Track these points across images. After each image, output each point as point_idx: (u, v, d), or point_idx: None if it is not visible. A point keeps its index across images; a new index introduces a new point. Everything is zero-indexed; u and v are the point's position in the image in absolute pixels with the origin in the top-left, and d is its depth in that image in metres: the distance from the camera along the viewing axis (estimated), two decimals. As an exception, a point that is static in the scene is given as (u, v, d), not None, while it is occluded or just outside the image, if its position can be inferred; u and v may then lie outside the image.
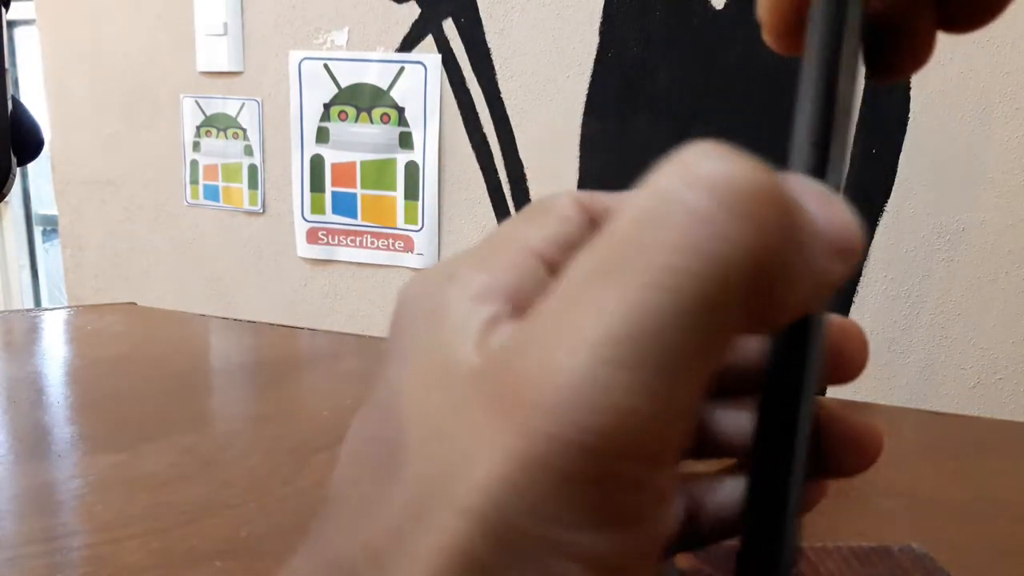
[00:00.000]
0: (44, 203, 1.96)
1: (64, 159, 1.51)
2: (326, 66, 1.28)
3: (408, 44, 1.24)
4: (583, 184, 1.19)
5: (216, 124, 1.38)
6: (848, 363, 0.18)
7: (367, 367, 0.72)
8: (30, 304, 2.02)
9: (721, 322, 0.12)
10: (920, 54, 0.18)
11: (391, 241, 1.31)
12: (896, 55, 0.18)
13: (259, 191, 1.38)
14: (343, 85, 1.28)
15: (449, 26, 1.21)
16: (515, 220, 0.16)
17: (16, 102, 0.36)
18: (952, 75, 1.00)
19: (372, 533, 0.13)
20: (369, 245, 1.32)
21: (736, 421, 0.19)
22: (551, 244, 0.15)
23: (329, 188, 1.32)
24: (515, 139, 1.22)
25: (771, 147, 0.17)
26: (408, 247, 1.30)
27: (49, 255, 2.03)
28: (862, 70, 0.17)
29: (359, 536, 0.13)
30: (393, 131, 1.27)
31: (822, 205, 0.13)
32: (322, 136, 1.31)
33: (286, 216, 1.36)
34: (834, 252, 0.13)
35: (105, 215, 1.50)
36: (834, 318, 0.18)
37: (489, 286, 0.14)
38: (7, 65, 0.35)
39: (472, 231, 1.26)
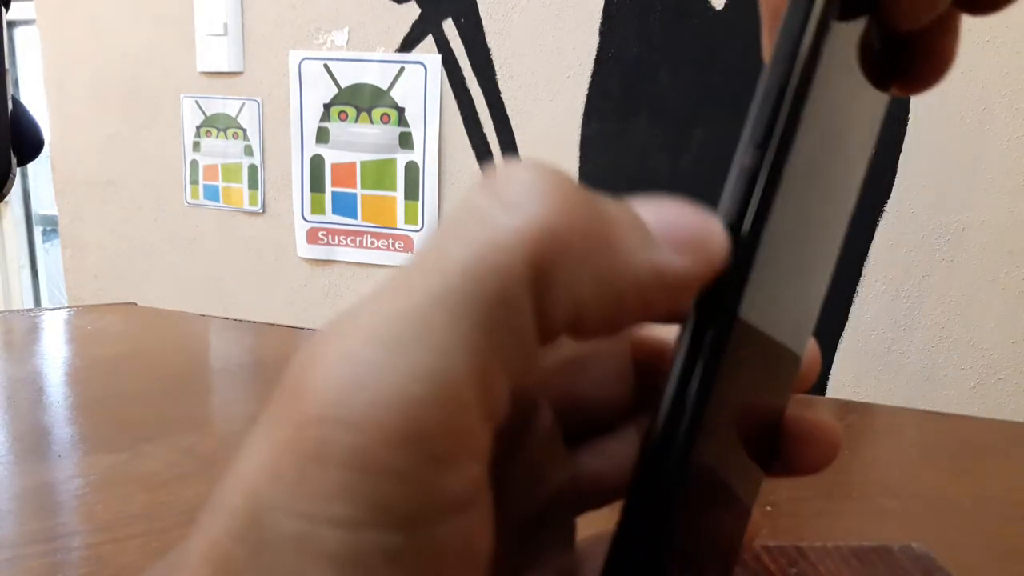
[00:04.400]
0: (44, 203, 1.96)
1: (64, 159, 1.51)
2: (326, 66, 1.28)
3: (408, 44, 1.24)
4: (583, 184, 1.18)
5: (216, 124, 1.38)
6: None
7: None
8: (30, 304, 2.02)
9: (494, 307, 0.12)
10: (945, 60, 0.18)
11: (391, 241, 1.31)
12: (922, 65, 0.18)
13: (259, 191, 1.38)
14: (343, 85, 1.28)
15: (449, 26, 1.21)
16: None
17: (16, 102, 0.36)
18: (952, 75, 0.99)
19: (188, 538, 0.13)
20: (369, 245, 1.32)
21: (612, 458, 0.19)
22: None
23: (329, 188, 1.32)
24: (515, 139, 1.22)
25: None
26: (408, 247, 1.30)
27: (49, 255, 2.03)
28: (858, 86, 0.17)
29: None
30: (393, 131, 1.27)
31: (664, 210, 0.14)
32: (322, 136, 1.31)
33: (286, 216, 1.36)
34: (675, 247, 0.14)
35: (105, 215, 1.50)
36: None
37: None
38: (7, 65, 0.35)
39: (472, 231, 1.26)
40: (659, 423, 0.15)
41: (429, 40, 1.23)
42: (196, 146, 1.41)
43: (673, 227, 0.14)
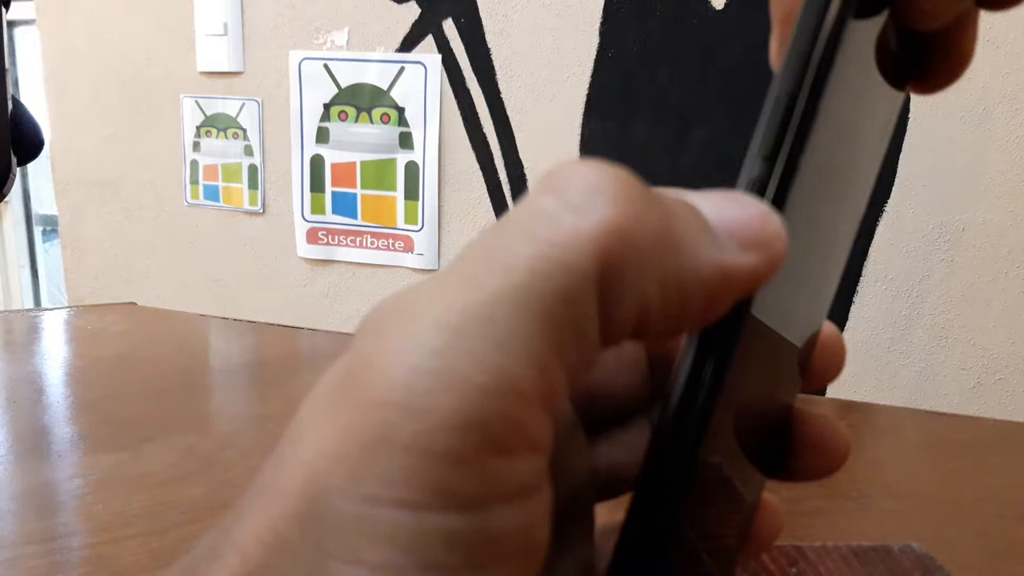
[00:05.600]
0: (44, 203, 1.96)
1: (64, 159, 1.51)
2: (326, 66, 1.28)
3: (408, 44, 1.24)
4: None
5: (216, 124, 1.38)
6: (825, 366, 0.19)
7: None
8: (30, 304, 2.02)
9: (559, 305, 0.12)
10: (963, 58, 0.17)
11: (391, 241, 1.31)
12: (939, 63, 0.18)
13: (259, 191, 1.38)
14: (343, 85, 1.28)
15: (449, 26, 1.21)
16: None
17: (16, 102, 0.36)
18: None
19: (226, 522, 0.13)
20: (369, 245, 1.32)
21: (629, 449, 0.19)
22: None
23: (329, 188, 1.32)
24: (515, 139, 1.22)
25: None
26: (408, 247, 1.30)
27: (49, 255, 2.03)
28: (878, 91, 0.17)
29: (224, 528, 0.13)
30: (393, 131, 1.27)
31: (725, 205, 0.14)
32: (322, 136, 1.31)
33: (286, 216, 1.36)
34: (739, 244, 0.13)
35: (105, 215, 1.50)
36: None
37: None
38: (7, 65, 0.35)
39: (472, 231, 1.26)
40: (668, 418, 0.15)
41: (429, 40, 1.23)
42: (196, 146, 1.41)
43: (736, 224, 0.14)
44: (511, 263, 0.12)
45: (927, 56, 0.17)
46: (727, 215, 0.14)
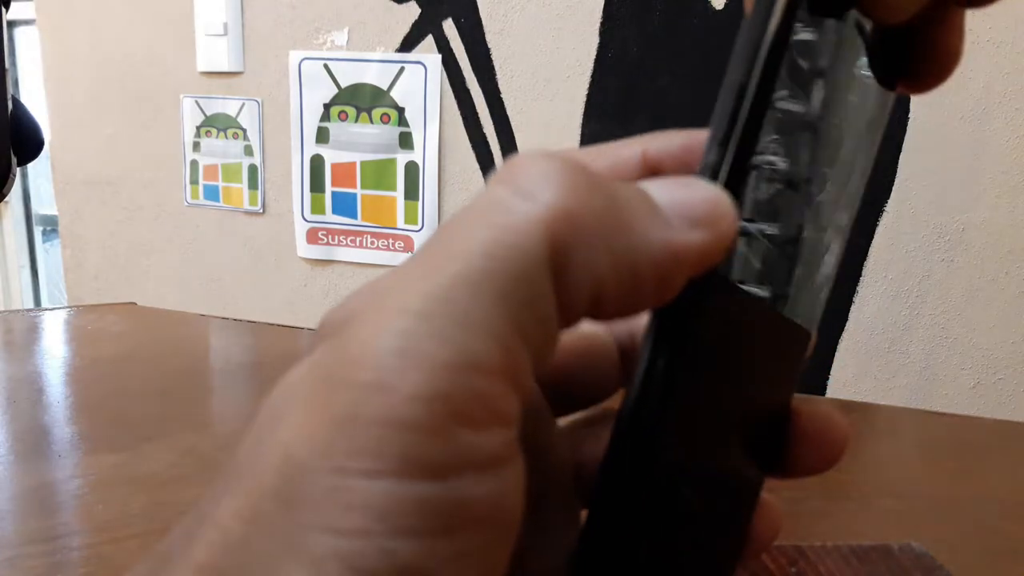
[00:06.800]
0: (44, 203, 1.96)
1: (64, 159, 1.51)
2: (326, 66, 1.28)
3: (408, 44, 1.24)
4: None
5: (216, 124, 1.38)
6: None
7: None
8: (30, 304, 2.02)
9: (515, 285, 0.13)
10: (950, 58, 0.18)
11: (391, 241, 1.31)
12: (927, 63, 0.18)
13: (259, 191, 1.38)
14: (343, 85, 1.28)
15: (449, 26, 1.21)
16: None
17: (16, 102, 0.36)
18: (952, 75, 1.00)
19: (201, 507, 0.13)
20: (369, 245, 1.32)
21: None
22: None
23: (329, 188, 1.32)
24: (515, 139, 1.22)
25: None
26: (408, 247, 1.30)
27: (49, 255, 2.03)
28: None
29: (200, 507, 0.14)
30: (393, 131, 1.27)
31: (675, 188, 0.15)
32: (322, 136, 1.31)
33: (286, 216, 1.36)
34: (687, 224, 0.14)
35: (105, 215, 1.50)
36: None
37: None
38: (7, 65, 0.35)
39: (472, 231, 1.25)
40: (623, 412, 0.15)
41: (429, 40, 1.23)
42: (196, 146, 1.41)
43: (685, 205, 0.14)
44: (469, 249, 0.13)
45: (915, 55, 0.18)
46: (677, 197, 0.14)
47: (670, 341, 0.15)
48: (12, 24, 1.72)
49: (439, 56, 1.22)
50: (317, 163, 1.32)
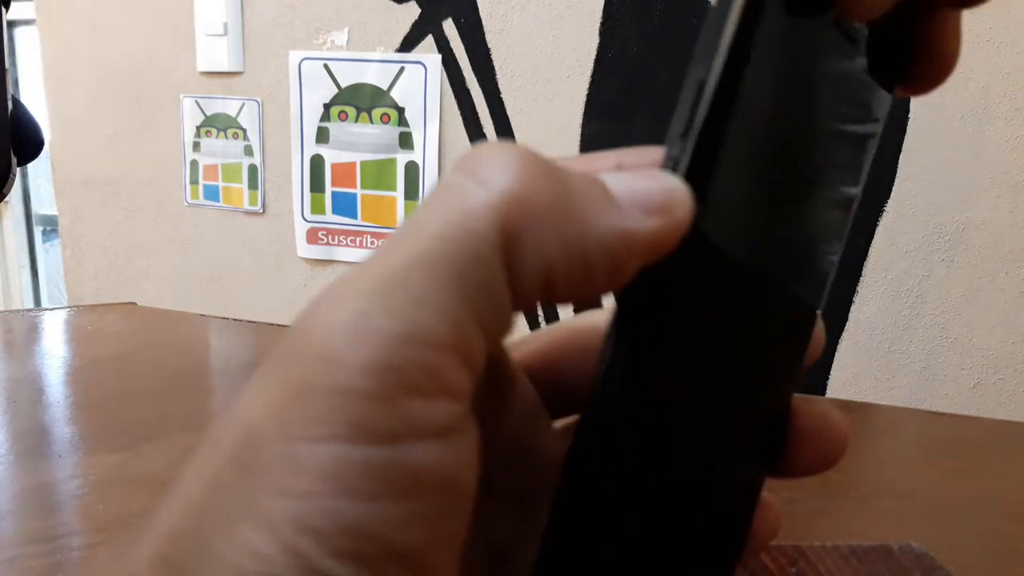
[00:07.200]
0: (44, 203, 1.96)
1: (64, 159, 1.51)
2: (326, 66, 1.28)
3: (408, 44, 1.24)
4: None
5: (216, 124, 1.38)
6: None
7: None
8: (30, 304, 2.02)
9: (467, 265, 0.13)
10: (947, 61, 0.18)
11: (391, 241, 1.31)
12: (923, 66, 0.18)
13: (259, 191, 1.37)
14: (343, 85, 1.28)
15: (449, 26, 1.21)
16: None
17: (16, 102, 0.36)
18: (952, 75, 1.00)
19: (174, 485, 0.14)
20: (369, 245, 1.32)
21: None
22: None
23: (329, 188, 1.32)
24: (515, 139, 1.22)
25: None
26: (408, 247, 1.30)
27: (49, 255, 2.03)
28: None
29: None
30: (393, 131, 1.27)
31: (632, 179, 0.15)
32: (322, 136, 1.31)
33: (286, 216, 1.36)
34: (640, 211, 0.14)
35: (105, 215, 1.50)
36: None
37: None
38: (7, 65, 0.35)
39: (472, 231, 1.25)
40: (587, 406, 0.15)
41: (429, 40, 1.23)
42: (196, 146, 1.41)
43: (640, 194, 0.15)
44: (424, 232, 0.13)
45: (912, 58, 0.18)
46: (632, 187, 0.15)
47: (632, 325, 0.15)
48: (12, 24, 1.72)
49: (439, 56, 1.22)
50: (317, 163, 1.32)
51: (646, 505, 0.16)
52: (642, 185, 0.15)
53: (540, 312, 1.21)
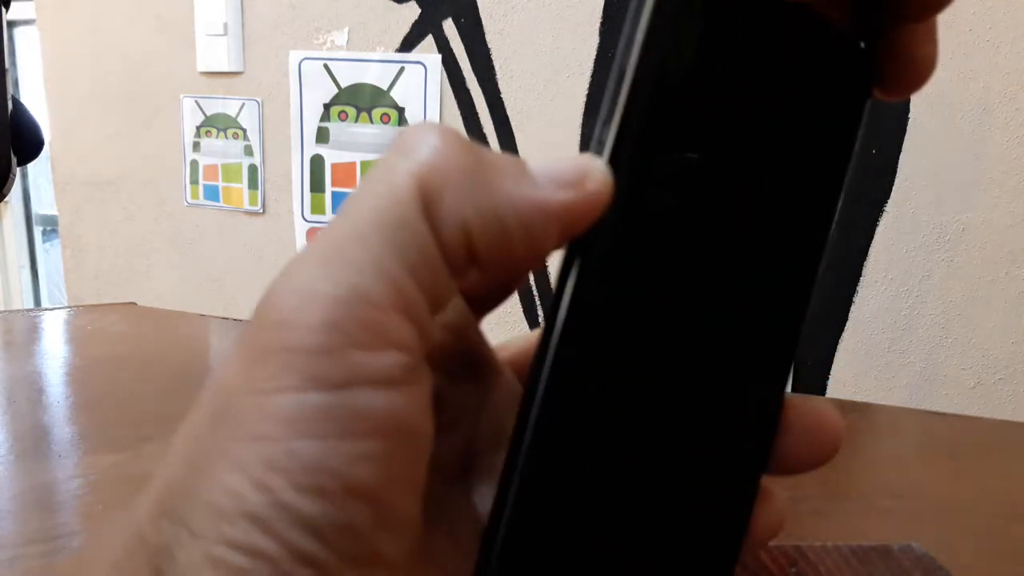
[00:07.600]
0: (44, 203, 1.96)
1: (64, 159, 1.51)
2: (326, 66, 1.28)
3: (408, 44, 1.24)
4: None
5: (216, 124, 1.38)
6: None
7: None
8: (30, 304, 2.02)
9: (396, 230, 0.15)
10: (924, 66, 0.18)
11: (391, 241, 1.31)
12: (900, 70, 0.18)
13: (259, 191, 1.38)
14: (343, 85, 1.28)
15: (449, 26, 1.21)
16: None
17: (16, 102, 0.36)
18: (952, 75, 1.00)
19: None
20: (369, 245, 1.32)
21: None
22: None
23: (329, 188, 1.32)
24: (515, 139, 1.22)
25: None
26: (408, 247, 1.30)
27: (49, 255, 2.03)
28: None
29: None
30: (393, 131, 1.27)
31: (554, 161, 0.16)
32: (322, 136, 1.31)
33: (286, 216, 1.36)
34: (555, 185, 0.16)
35: (105, 215, 1.50)
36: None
37: None
38: (7, 65, 0.35)
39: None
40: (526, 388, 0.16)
41: (429, 40, 1.23)
42: (196, 146, 1.41)
43: (555, 169, 0.16)
44: (358, 205, 0.15)
45: (888, 63, 0.18)
46: (551, 166, 0.16)
47: (573, 260, 0.16)
48: (12, 24, 1.72)
49: (439, 56, 1.22)
50: (317, 163, 1.32)
51: (601, 474, 0.16)
52: (559, 164, 0.16)
53: (540, 312, 1.21)
